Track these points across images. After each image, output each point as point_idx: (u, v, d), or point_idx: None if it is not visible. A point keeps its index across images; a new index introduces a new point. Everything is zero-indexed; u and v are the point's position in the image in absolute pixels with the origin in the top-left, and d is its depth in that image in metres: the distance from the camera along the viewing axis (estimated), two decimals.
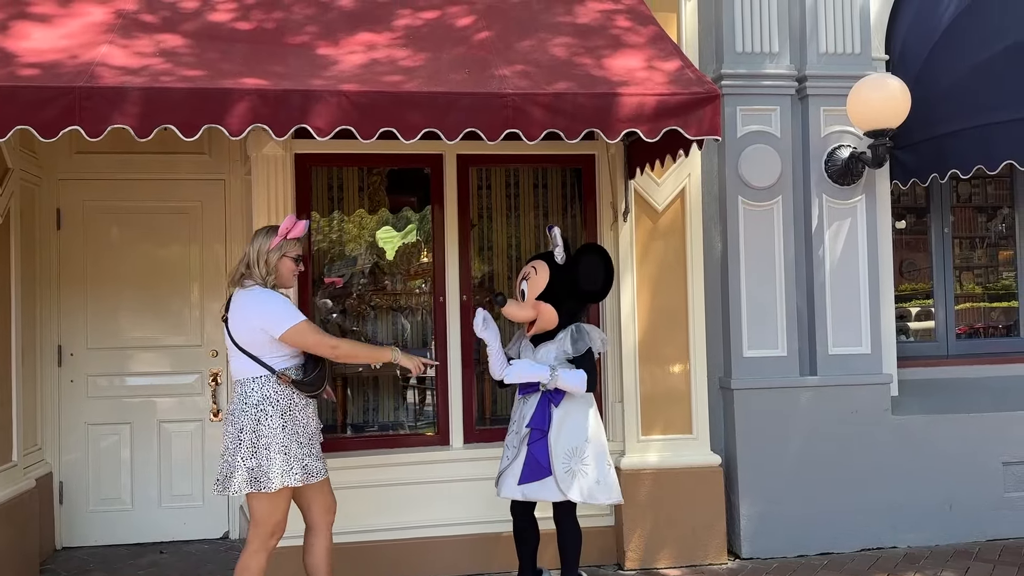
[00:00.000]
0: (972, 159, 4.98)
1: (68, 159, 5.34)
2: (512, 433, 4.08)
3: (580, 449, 3.95)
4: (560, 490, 3.91)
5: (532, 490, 3.95)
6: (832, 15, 5.28)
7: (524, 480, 3.94)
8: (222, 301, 5.39)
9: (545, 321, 4.01)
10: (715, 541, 4.94)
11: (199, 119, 3.47)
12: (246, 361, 3.61)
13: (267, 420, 3.55)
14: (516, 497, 4.01)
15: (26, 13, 3.96)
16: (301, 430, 3.62)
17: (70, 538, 5.34)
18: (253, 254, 3.65)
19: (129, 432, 5.42)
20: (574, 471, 3.92)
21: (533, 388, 4.00)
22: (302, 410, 3.65)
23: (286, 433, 3.56)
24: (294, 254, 3.71)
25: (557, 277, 4.01)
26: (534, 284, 4.00)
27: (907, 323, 6.05)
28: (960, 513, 5.30)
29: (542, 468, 3.91)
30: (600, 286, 4.08)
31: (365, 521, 4.59)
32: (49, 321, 5.33)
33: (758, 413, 5.14)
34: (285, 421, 3.57)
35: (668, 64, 4.01)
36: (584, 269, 4.02)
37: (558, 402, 3.96)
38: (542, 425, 3.94)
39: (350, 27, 4.13)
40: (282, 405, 3.58)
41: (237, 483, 3.53)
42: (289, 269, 3.70)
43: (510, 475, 4.00)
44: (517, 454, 3.99)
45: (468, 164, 4.93)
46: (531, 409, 4.00)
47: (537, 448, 3.93)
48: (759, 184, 5.19)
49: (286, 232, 3.65)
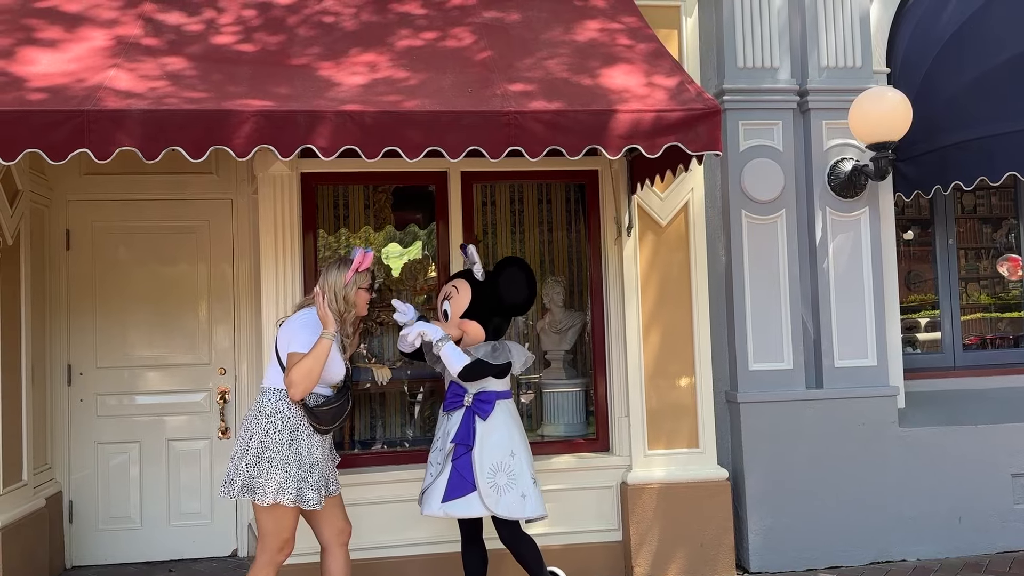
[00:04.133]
0: (975, 170, 4.99)
1: (77, 180, 5.39)
2: (436, 450, 4.08)
3: (505, 463, 3.95)
4: (485, 505, 3.89)
5: (455, 507, 3.92)
6: (833, 29, 5.31)
7: (448, 497, 3.92)
8: (230, 319, 5.50)
9: (472, 338, 4.05)
10: (723, 556, 4.92)
11: (205, 140, 3.52)
12: (276, 370, 3.72)
13: (275, 434, 3.60)
14: (438, 515, 3.98)
15: (34, 38, 4.02)
16: (305, 454, 3.63)
17: (80, 557, 5.36)
18: (330, 293, 3.74)
19: (138, 450, 5.45)
20: (499, 486, 3.91)
21: (457, 403, 4.02)
22: (308, 437, 3.66)
23: (291, 451, 3.60)
24: (366, 284, 3.84)
25: (479, 294, 4.05)
26: (456, 303, 4.05)
27: (914, 335, 6.04)
28: (969, 525, 5.28)
29: (466, 483, 3.90)
30: (523, 298, 4.13)
31: (372, 538, 4.60)
32: (58, 341, 5.38)
33: (765, 426, 5.13)
34: (292, 439, 3.61)
35: (668, 80, 4.04)
36: (505, 283, 4.08)
37: (485, 416, 3.96)
38: (467, 440, 3.95)
39: (353, 48, 4.18)
40: (292, 423, 3.63)
41: (236, 488, 3.60)
42: (364, 300, 3.86)
43: (434, 493, 3.98)
44: (441, 471, 3.99)
45: (472, 181, 4.96)
46: (455, 424, 4.00)
47: (461, 463, 3.93)
48: (762, 198, 5.21)
49: (357, 266, 3.79)
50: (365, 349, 3.96)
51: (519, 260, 4.24)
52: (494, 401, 4.02)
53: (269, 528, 3.62)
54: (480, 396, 4.02)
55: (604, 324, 5.04)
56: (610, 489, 4.94)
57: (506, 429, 4.02)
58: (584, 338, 5.28)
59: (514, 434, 4.04)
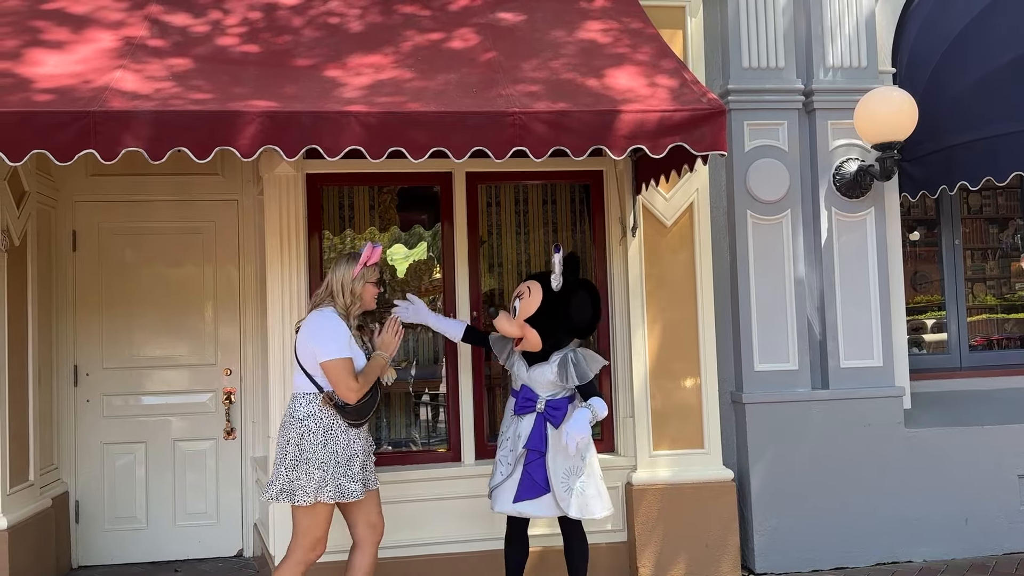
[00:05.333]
0: (980, 171, 4.98)
1: (83, 181, 5.41)
2: (507, 450, 4.13)
3: (578, 467, 4.04)
4: (560, 507, 4.00)
5: (528, 507, 4.03)
6: (839, 29, 5.30)
7: (520, 498, 4.02)
8: (236, 320, 5.52)
9: (529, 343, 4.10)
10: (728, 557, 4.91)
11: (211, 141, 3.53)
12: (301, 377, 3.80)
13: (309, 436, 3.71)
14: (511, 513, 4.09)
15: (40, 40, 4.03)
16: (341, 451, 3.73)
17: (86, 557, 5.38)
18: (336, 284, 3.85)
19: (144, 451, 5.46)
20: (572, 488, 4.01)
21: (530, 408, 4.08)
22: (344, 432, 3.76)
23: (326, 451, 3.70)
24: (374, 279, 3.91)
25: (548, 303, 4.06)
26: (526, 305, 4.08)
27: (921, 335, 6.03)
28: (976, 526, 5.26)
29: (539, 487, 4.00)
30: (586, 323, 4.16)
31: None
32: (65, 341, 5.39)
33: (770, 427, 5.13)
34: (327, 439, 3.72)
35: (672, 81, 4.04)
36: (576, 305, 4.09)
37: (557, 423, 4.02)
38: (539, 447, 4.02)
39: (358, 49, 4.18)
40: (325, 424, 3.73)
41: (275, 490, 3.71)
42: (371, 294, 3.92)
43: (506, 491, 4.08)
44: (512, 471, 4.07)
45: (477, 181, 4.97)
46: (527, 429, 4.06)
47: (534, 468, 4.02)
48: (767, 198, 5.20)
49: (366, 261, 3.85)
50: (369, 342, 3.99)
51: (591, 285, 4.29)
52: (565, 408, 4.08)
53: (304, 525, 3.72)
54: (552, 403, 4.07)
55: (609, 324, 5.03)
56: (615, 490, 4.92)
57: None
58: (591, 338, 5.27)
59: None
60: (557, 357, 4.08)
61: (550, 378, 4.07)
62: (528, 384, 4.12)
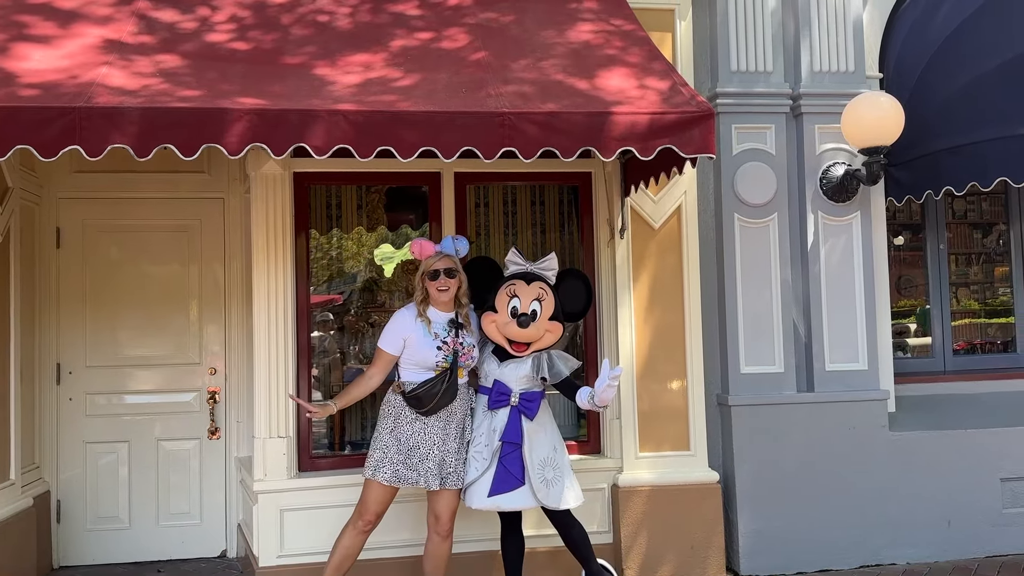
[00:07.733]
0: (966, 176, 5.01)
1: (68, 178, 5.36)
2: (482, 446, 4.17)
3: (551, 458, 4.15)
4: (536, 498, 4.09)
5: (503, 500, 4.11)
6: (826, 33, 5.32)
7: (495, 492, 4.09)
8: (221, 319, 5.48)
9: (547, 341, 4.18)
10: (714, 558, 4.93)
11: (198, 138, 3.51)
12: None
13: (383, 419, 4.14)
14: (485, 507, 4.16)
15: (27, 35, 4.00)
16: (403, 439, 4.06)
17: (67, 557, 5.32)
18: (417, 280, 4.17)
19: (127, 450, 5.41)
20: (547, 479, 4.11)
21: (503, 402, 4.14)
22: (410, 423, 4.06)
23: (391, 436, 4.07)
24: (430, 270, 4.09)
25: None
26: (547, 305, 4.16)
27: (905, 339, 6.06)
28: (958, 529, 5.30)
29: (514, 479, 4.09)
30: (580, 308, 4.35)
31: (372, 538, 4.55)
32: (48, 339, 5.34)
33: (756, 429, 5.14)
34: (394, 425, 4.08)
35: (662, 83, 4.05)
36: (568, 291, 4.27)
37: (532, 415, 4.12)
38: (515, 439, 4.10)
39: (347, 48, 4.17)
40: (395, 411, 4.10)
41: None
42: (433, 288, 4.10)
43: (480, 486, 4.13)
44: (487, 467, 4.12)
45: (465, 182, 4.96)
46: (502, 422, 4.13)
47: (510, 461, 4.10)
48: (755, 201, 5.22)
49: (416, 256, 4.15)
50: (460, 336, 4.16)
51: (580, 273, 4.47)
52: (539, 400, 4.18)
53: (365, 497, 4.12)
54: (526, 396, 4.15)
55: (596, 326, 5.04)
56: (601, 491, 4.93)
57: (550, 426, 4.25)
58: (576, 340, 5.28)
59: (556, 430, 4.28)
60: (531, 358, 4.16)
61: (525, 373, 4.15)
62: (500, 380, 4.17)
